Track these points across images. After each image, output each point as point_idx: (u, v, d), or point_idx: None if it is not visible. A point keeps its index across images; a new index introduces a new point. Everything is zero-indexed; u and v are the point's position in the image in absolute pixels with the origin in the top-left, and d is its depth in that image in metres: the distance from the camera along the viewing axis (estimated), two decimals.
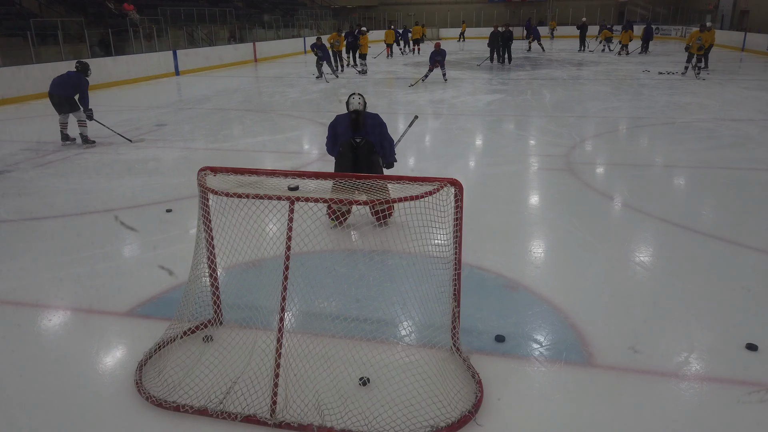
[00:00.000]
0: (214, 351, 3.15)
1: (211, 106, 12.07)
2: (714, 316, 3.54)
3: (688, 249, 4.61)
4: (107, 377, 3.01)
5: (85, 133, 8.34)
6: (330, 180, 3.12)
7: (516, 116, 10.74)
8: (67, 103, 8.20)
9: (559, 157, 7.46)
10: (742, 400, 2.76)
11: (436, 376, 2.84)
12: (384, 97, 13.47)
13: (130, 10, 18.76)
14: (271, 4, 30.35)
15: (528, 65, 19.92)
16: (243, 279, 4.00)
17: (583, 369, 3.03)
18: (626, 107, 11.44)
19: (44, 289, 4.02)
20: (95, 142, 8.44)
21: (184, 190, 6.12)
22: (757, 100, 12.06)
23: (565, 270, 4.27)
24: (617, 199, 5.94)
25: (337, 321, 3.31)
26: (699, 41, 15.52)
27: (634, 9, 37.55)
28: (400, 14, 39.89)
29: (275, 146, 8.64)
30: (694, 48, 15.59)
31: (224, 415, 2.63)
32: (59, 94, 8.16)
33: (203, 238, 3.13)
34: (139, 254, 4.66)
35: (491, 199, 5.89)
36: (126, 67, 16.36)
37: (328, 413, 2.63)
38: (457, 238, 2.92)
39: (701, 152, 7.86)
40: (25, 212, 5.67)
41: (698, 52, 15.66)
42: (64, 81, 8.18)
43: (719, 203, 5.87)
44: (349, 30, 20.43)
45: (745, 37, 24.32)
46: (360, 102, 4.68)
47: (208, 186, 2.91)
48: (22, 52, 13.71)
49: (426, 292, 3.17)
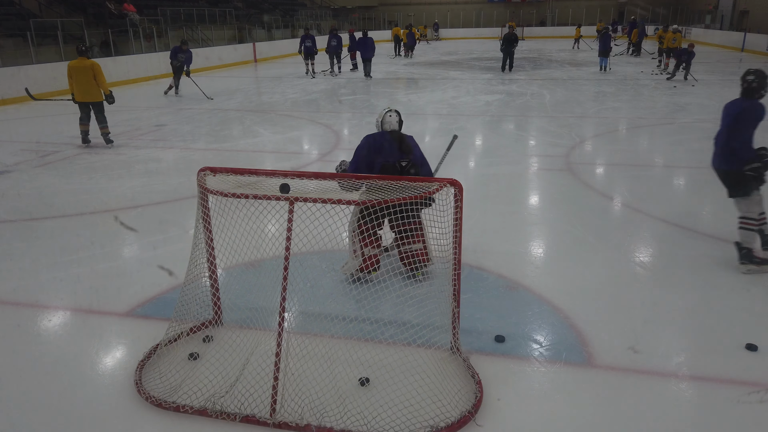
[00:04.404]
0: (214, 351, 3.15)
1: (211, 106, 12.07)
2: (714, 316, 3.54)
3: (688, 249, 4.61)
4: (107, 377, 3.01)
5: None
6: (330, 180, 3.12)
7: (516, 116, 10.74)
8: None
9: (559, 158, 7.46)
10: (742, 400, 2.76)
11: (435, 377, 2.83)
12: (384, 97, 13.47)
13: (130, 11, 18.76)
14: (271, 5, 30.36)
15: (528, 65, 19.92)
16: (243, 279, 4.00)
17: (583, 369, 3.03)
18: (626, 107, 11.44)
19: (44, 289, 4.02)
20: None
21: (184, 190, 6.12)
22: None
23: (565, 270, 4.27)
24: (617, 199, 5.94)
25: (337, 321, 3.31)
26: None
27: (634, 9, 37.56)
28: (400, 14, 39.89)
29: (275, 146, 8.64)
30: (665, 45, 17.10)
31: (224, 416, 2.63)
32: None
33: (201, 239, 3.14)
34: (138, 254, 4.66)
35: (491, 199, 5.89)
36: (126, 68, 16.36)
37: (327, 413, 2.63)
38: (456, 238, 2.92)
39: (701, 152, 7.84)
40: (25, 212, 5.67)
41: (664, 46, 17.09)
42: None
43: (719, 203, 5.86)
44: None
45: (744, 37, 24.32)
46: (398, 120, 4.04)
47: (208, 186, 2.91)
48: (22, 52, 13.72)
49: (426, 292, 3.18)
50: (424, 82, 16.14)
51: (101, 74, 8.08)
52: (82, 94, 8.13)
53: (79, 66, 8.02)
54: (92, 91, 8.10)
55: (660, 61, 17.90)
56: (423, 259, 3.93)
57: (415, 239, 3.90)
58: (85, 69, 8.00)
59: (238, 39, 23.77)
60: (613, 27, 29.20)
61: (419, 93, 13.96)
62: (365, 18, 38.22)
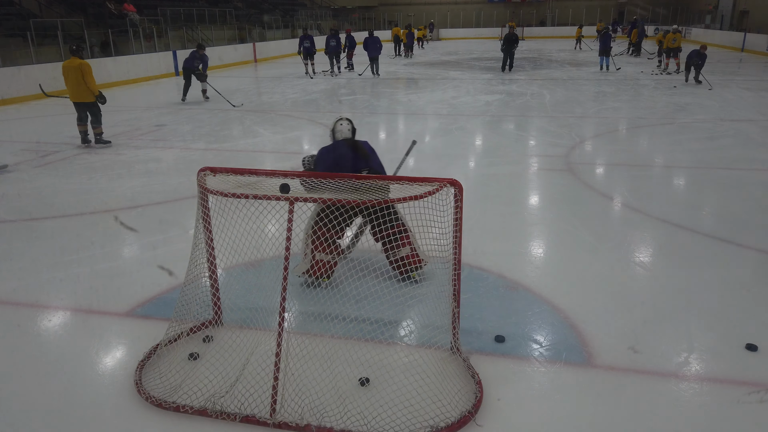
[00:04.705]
0: (214, 351, 3.15)
1: (211, 106, 12.07)
2: (714, 316, 3.54)
3: (688, 249, 4.61)
4: (107, 377, 3.01)
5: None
6: (331, 180, 3.12)
7: (516, 116, 10.74)
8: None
9: (559, 158, 7.46)
10: (742, 400, 2.76)
11: (435, 377, 2.83)
12: (384, 97, 13.47)
13: (130, 11, 18.76)
14: (271, 5, 30.37)
15: (528, 65, 19.92)
16: (243, 279, 4.00)
17: (583, 369, 3.03)
18: (626, 107, 11.44)
19: (44, 289, 4.02)
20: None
21: (184, 190, 6.12)
22: (757, 100, 12.07)
23: (565, 270, 4.27)
24: (617, 199, 5.94)
25: (337, 321, 3.31)
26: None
27: (634, 9, 37.57)
28: (400, 14, 39.90)
29: (275, 146, 8.64)
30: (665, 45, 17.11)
31: (224, 416, 2.63)
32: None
33: (201, 239, 3.14)
34: (138, 254, 4.66)
35: (491, 200, 5.89)
36: (126, 68, 16.36)
37: (327, 413, 2.63)
38: (456, 239, 2.92)
39: (701, 152, 7.87)
40: (25, 212, 5.67)
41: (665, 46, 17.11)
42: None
43: (719, 203, 5.87)
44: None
45: (744, 37, 24.33)
46: (350, 129, 3.96)
47: (208, 186, 2.91)
48: (22, 52, 13.72)
49: (426, 292, 3.18)
50: (424, 82, 16.15)
51: (89, 74, 7.99)
52: (74, 94, 8.13)
53: (70, 66, 8.02)
54: (82, 91, 8.05)
55: (660, 62, 17.91)
56: (415, 262, 3.83)
57: (402, 244, 3.81)
58: (74, 69, 7.98)
59: (238, 39, 23.77)
60: (614, 27, 29.21)
61: (419, 93, 13.96)
62: (365, 18, 38.23)
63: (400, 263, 3.83)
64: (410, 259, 3.83)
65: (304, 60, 17.43)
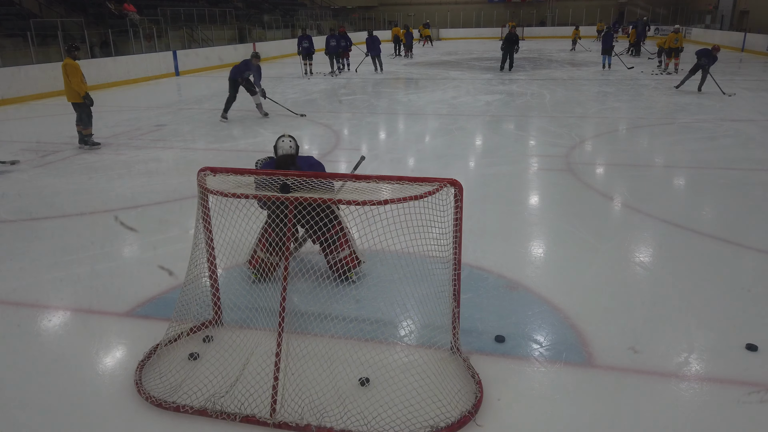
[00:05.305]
0: (214, 351, 3.15)
1: (211, 106, 12.07)
2: (714, 316, 3.54)
3: (688, 249, 4.61)
4: (107, 377, 3.01)
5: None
6: (330, 180, 3.12)
7: (516, 116, 10.74)
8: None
9: (559, 158, 7.45)
10: (742, 400, 2.76)
11: (435, 377, 2.84)
12: (384, 97, 13.47)
13: (130, 11, 18.77)
14: (271, 5, 30.36)
15: (528, 65, 19.92)
16: (243, 279, 4.00)
17: (583, 369, 3.03)
18: (626, 107, 11.44)
19: (44, 289, 4.02)
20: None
21: (184, 190, 6.12)
22: (757, 100, 12.07)
23: (565, 270, 4.27)
24: (617, 199, 5.94)
25: (337, 321, 3.31)
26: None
27: (634, 9, 37.56)
28: (400, 14, 39.89)
29: None
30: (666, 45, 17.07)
31: (224, 416, 2.64)
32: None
33: (201, 239, 3.14)
34: (139, 254, 4.66)
35: (491, 200, 5.89)
36: (126, 68, 16.36)
37: (327, 413, 2.63)
38: (456, 239, 2.92)
39: (701, 152, 7.86)
40: (25, 212, 5.67)
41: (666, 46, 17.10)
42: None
43: (719, 203, 5.87)
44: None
45: (745, 37, 24.32)
46: (291, 146, 3.97)
47: (208, 186, 2.91)
48: (22, 52, 13.72)
49: (426, 292, 3.17)
50: (424, 82, 16.15)
51: (75, 75, 7.94)
52: (66, 94, 8.16)
53: (62, 66, 8.06)
54: (70, 91, 8.05)
55: (660, 62, 17.92)
56: (351, 261, 3.93)
57: (340, 247, 3.89)
58: (64, 69, 8.01)
59: (238, 39, 23.76)
60: (614, 27, 29.20)
61: (419, 93, 13.96)
62: (365, 18, 38.22)
63: (338, 265, 3.90)
64: (347, 259, 3.92)
65: (303, 60, 17.45)
